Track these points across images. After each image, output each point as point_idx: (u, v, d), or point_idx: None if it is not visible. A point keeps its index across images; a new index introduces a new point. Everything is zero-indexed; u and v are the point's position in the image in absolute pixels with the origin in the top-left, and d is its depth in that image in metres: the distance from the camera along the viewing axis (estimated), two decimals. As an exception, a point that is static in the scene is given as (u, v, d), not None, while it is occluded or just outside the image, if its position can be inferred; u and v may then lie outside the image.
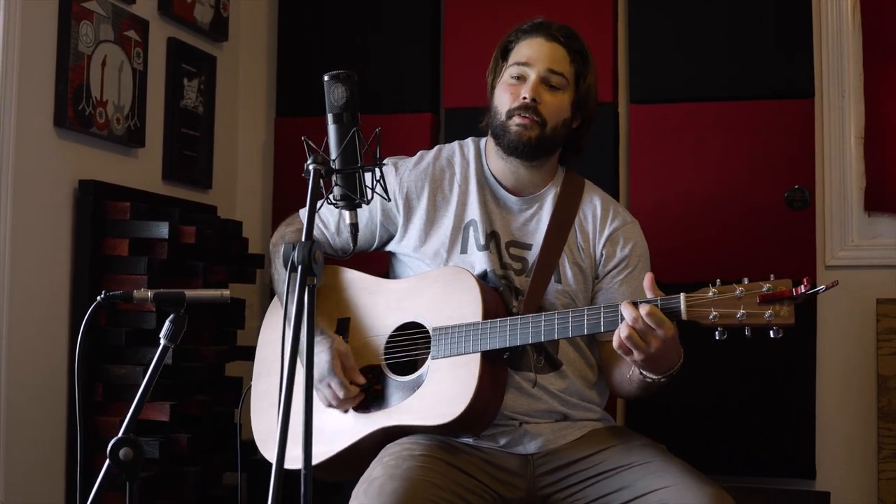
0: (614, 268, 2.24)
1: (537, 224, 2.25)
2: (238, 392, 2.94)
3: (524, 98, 2.16)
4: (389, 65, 3.19)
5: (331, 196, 1.81)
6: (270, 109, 3.37)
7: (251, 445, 2.71)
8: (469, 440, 2.15)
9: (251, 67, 3.43)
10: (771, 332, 1.85)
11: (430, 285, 2.20)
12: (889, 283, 2.84)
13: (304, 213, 2.42)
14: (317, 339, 2.18)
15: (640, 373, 2.00)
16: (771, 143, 2.89)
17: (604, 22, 3.02)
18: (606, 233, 2.25)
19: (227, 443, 2.85)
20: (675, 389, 2.84)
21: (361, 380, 2.16)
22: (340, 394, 2.13)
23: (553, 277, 2.20)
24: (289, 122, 3.25)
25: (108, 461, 1.77)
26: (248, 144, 3.42)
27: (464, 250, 2.24)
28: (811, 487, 2.85)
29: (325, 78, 1.82)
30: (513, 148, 2.19)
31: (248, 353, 2.81)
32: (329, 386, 2.13)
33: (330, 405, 2.16)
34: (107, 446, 1.76)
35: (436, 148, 2.37)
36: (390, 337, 2.21)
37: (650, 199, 2.97)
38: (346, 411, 2.18)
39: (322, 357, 2.15)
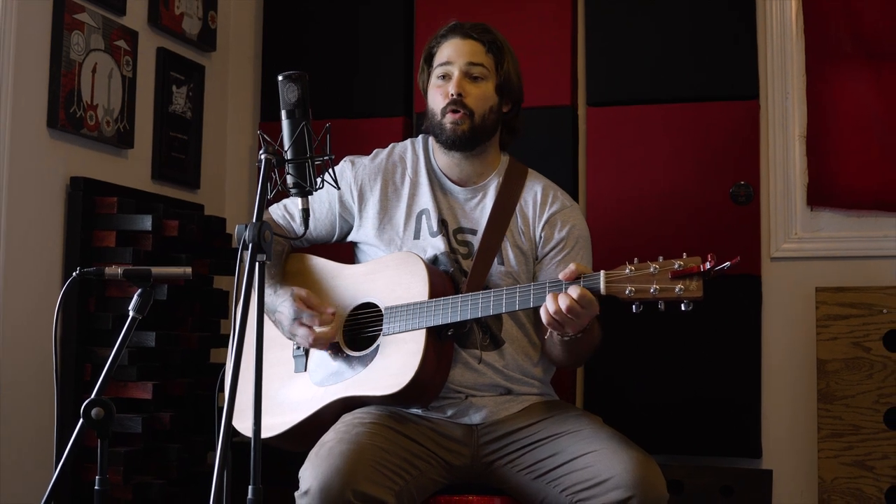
0: (552, 249, 2.41)
1: (482, 211, 2.43)
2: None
3: (451, 94, 2.36)
4: (365, 71, 3.39)
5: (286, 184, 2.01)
6: (256, 115, 3.59)
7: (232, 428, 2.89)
8: (418, 411, 2.34)
9: (238, 76, 3.64)
10: (682, 305, 2.00)
11: (383, 269, 2.40)
12: (830, 273, 2.99)
13: (274, 208, 2.63)
14: (278, 292, 2.38)
15: (556, 334, 2.18)
16: (718, 143, 3.04)
17: (563, 30, 3.19)
18: (545, 216, 2.42)
19: (210, 424, 3.04)
20: (630, 374, 3.05)
21: (331, 309, 2.34)
22: (316, 323, 2.30)
23: (496, 260, 2.38)
24: (273, 126, 3.42)
25: (80, 421, 1.98)
26: (235, 148, 3.63)
27: (416, 236, 2.43)
28: (757, 466, 2.99)
29: (280, 78, 2.01)
30: (451, 143, 2.39)
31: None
32: (302, 323, 2.31)
33: (309, 346, 2.34)
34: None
35: (390, 145, 2.57)
36: (348, 316, 2.40)
37: (607, 197, 3.13)
38: (327, 350, 2.35)
39: (286, 303, 2.34)
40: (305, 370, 2.42)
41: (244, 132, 3.62)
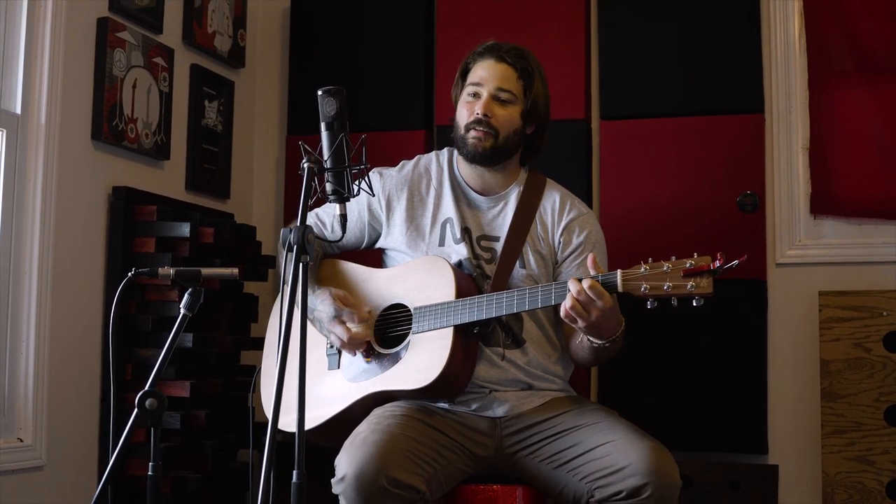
0: (571, 253, 2.55)
1: (503, 219, 2.58)
2: (251, 378, 3.27)
3: (477, 114, 2.51)
4: (387, 86, 3.53)
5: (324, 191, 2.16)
6: (283, 128, 3.75)
7: (263, 427, 3.03)
8: (445, 405, 2.48)
9: (266, 91, 3.81)
10: (693, 301, 2.14)
11: (412, 272, 2.54)
12: (832, 278, 3.13)
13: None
14: (316, 291, 2.53)
15: (588, 339, 2.32)
16: (725, 154, 3.18)
17: (577, 47, 3.35)
18: (564, 223, 2.57)
19: (241, 423, 3.18)
20: (643, 374, 3.18)
21: (367, 308, 2.50)
22: (354, 323, 2.45)
23: (518, 263, 2.52)
24: (300, 139, 3.59)
25: (136, 410, 2.12)
26: (263, 159, 3.79)
27: (441, 243, 2.58)
28: (763, 461, 3.12)
29: (319, 92, 2.14)
30: (471, 157, 2.54)
31: (261, 344, 3.14)
32: (342, 322, 2.46)
33: (342, 346, 2.48)
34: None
35: (416, 157, 2.72)
36: (379, 317, 2.54)
37: (619, 206, 3.27)
38: (354, 354, 2.50)
39: (326, 302, 2.49)
40: (338, 367, 2.56)
41: (271, 144, 3.79)
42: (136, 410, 2.11)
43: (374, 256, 2.76)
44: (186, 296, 2.17)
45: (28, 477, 2.70)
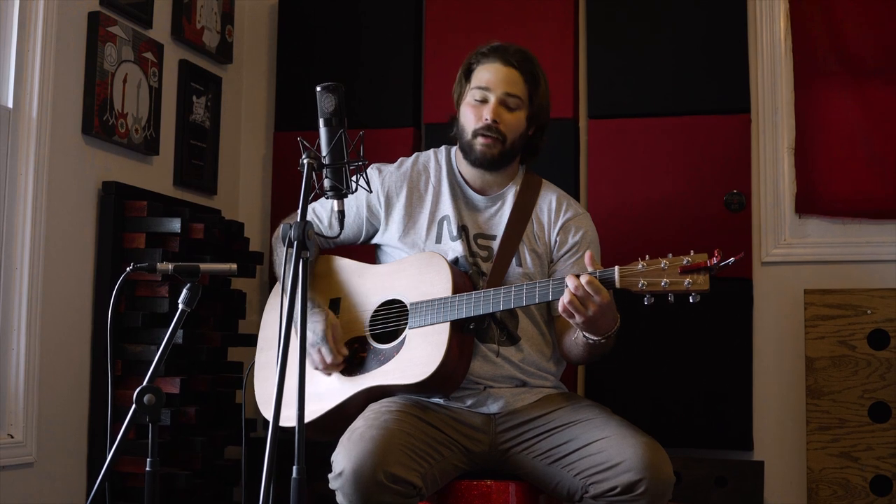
0: (566, 252, 2.58)
1: (500, 218, 2.60)
2: (238, 374, 3.27)
3: (486, 119, 2.52)
4: (375, 83, 3.54)
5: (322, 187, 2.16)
6: (270, 124, 3.74)
7: (252, 423, 3.02)
8: (440, 401, 2.49)
9: (253, 87, 3.80)
10: (690, 298, 2.17)
11: (408, 268, 2.55)
12: (817, 276, 3.18)
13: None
14: (313, 311, 2.53)
15: (583, 335, 2.34)
16: (712, 154, 3.23)
17: (566, 47, 3.38)
18: (560, 223, 2.60)
19: (229, 420, 3.18)
20: (630, 371, 3.21)
21: (346, 352, 2.51)
22: (329, 359, 2.48)
23: (514, 262, 2.54)
24: (287, 135, 3.60)
25: (134, 406, 2.11)
26: (250, 155, 3.78)
27: (438, 240, 2.59)
28: (749, 457, 3.16)
29: (318, 88, 2.14)
30: (478, 163, 2.56)
31: (249, 340, 3.15)
32: (319, 351, 2.48)
33: (317, 368, 2.52)
34: (124, 416, 2.07)
35: (414, 155, 2.73)
36: (375, 312, 2.55)
37: (607, 204, 3.30)
38: (329, 375, 2.52)
39: (317, 327, 2.49)
40: (333, 362, 2.57)
41: (258, 141, 3.78)
42: (133, 406, 2.09)
43: (367, 251, 2.76)
44: (185, 291, 2.16)
45: (19, 473, 2.68)
